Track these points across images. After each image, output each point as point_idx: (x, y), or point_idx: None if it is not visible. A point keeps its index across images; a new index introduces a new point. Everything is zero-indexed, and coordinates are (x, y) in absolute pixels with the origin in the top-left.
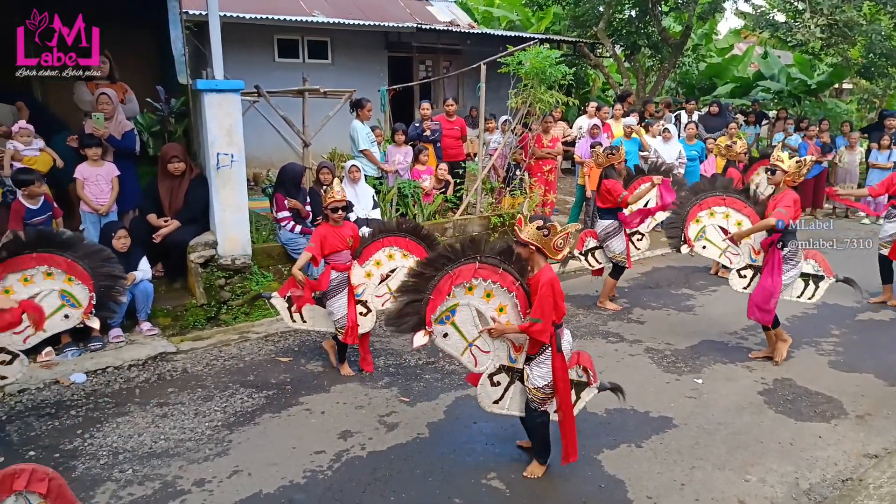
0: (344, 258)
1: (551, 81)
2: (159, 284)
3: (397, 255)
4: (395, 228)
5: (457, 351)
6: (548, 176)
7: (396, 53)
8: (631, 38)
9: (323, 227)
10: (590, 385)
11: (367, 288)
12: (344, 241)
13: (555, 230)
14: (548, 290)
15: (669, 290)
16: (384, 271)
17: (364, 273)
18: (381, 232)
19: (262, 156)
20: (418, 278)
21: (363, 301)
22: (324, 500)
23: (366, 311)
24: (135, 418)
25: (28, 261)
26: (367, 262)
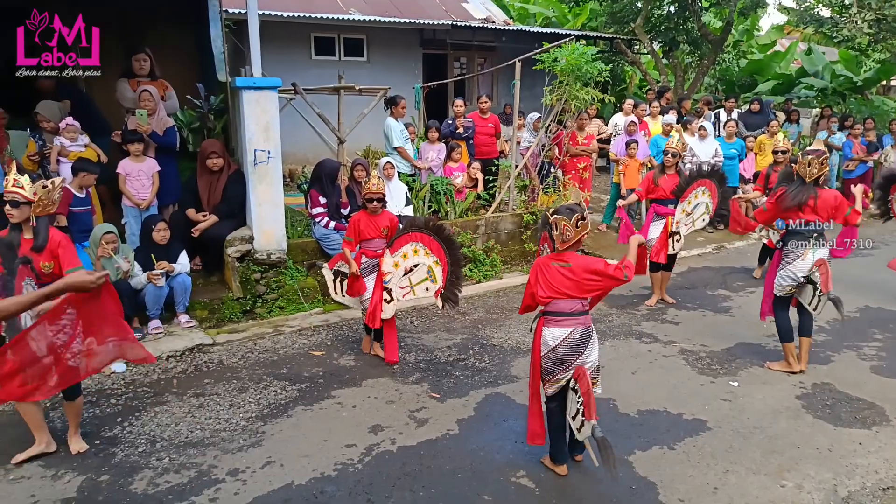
0: (375, 246)
1: (587, 78)
2: (197, 277)
3: (421, 251)
4: (422, 225)
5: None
6: (582, 174)
7: (431, 51)
8: (669, 35)
9: (359, 214)
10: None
11: (394, 277)
12: (378, 229)
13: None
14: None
15: (705, 291)
16: (408, 265)
17: (393, 263)
18: (411, 226)
19: (297, 152)
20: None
21: (389, 289)
22: (354, 493)
23: (389, 299)
24: (172, 408)
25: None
26: (396, 252)
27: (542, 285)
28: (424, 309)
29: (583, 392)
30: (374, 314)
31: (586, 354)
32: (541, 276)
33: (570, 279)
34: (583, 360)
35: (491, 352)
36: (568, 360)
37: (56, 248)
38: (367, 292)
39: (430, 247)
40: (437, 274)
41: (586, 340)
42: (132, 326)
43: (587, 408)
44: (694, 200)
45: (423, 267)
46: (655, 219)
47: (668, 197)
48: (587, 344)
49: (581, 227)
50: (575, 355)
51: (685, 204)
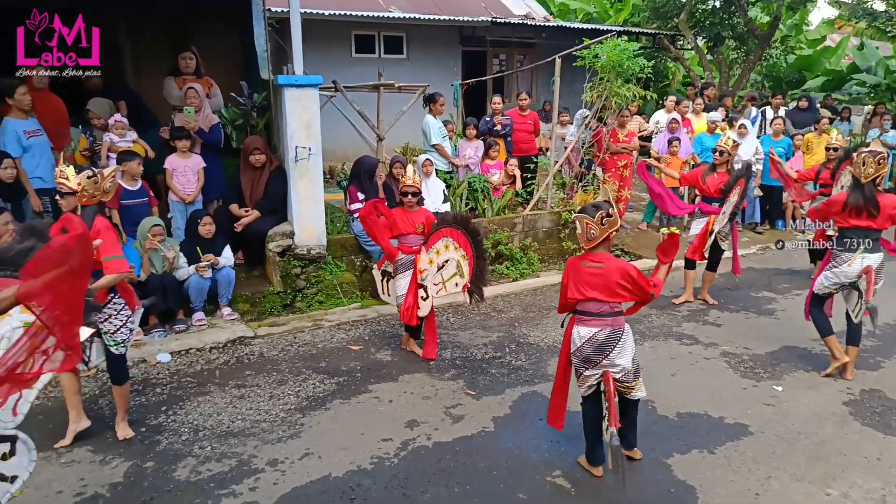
0: (411, 242)
1: (628, 75)
2: (239, 271)
3: (451, 246)
4: (451, 219)
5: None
6: (622, 172)
7: (470, 48)
8: (714, 30)
9: (395, 211)
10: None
11: (429, 275)
12: (413, 225)
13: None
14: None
15: (749, 293)
16: (440, 261)
17: (428, 260)
18: (442, 222)
19: (337, 149)
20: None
21: (424, 286)
22: (390, 487)
23: (425, 296)
24: (214, 398)
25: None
26: (430, 249)
27: (572, 286)
28: (461, 306)
29: (607, 398)
30: (410, 312)
31: (614, 357)
32: (571, 276)
33: (601, 281)
34: (610, 362)
35: (527, 350)
36: (593, 359)
37: (96, 236)
38: (402, 289)
39: (459, 241)
40: (464, 268)
41: (613, 342)
42: (176, 318)
43: (610, 414)
44: (732, 199)
45: (452, 262)
46: (699, 215)
47: (714, 195)
48: (614, 346)
49: (607, 224)
50: (600, 356)
51: (727, 204)
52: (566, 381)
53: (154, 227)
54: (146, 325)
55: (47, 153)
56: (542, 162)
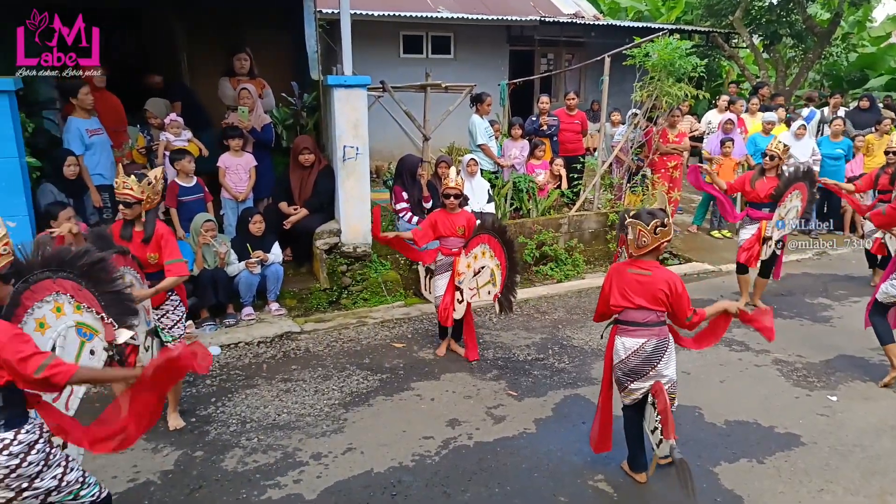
0: (452, 244)
1: (680, 74)
2: (287, 268)
3: (487, 253)
4: (490, 227)
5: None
6: (672, 173)
7: (518, 47)
8: (771, 27)
9: (437, 212)
10: (664, 438)
11: (466, 278)
12: (454, 228)
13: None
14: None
15: (804, 299)
16: (477, 266)
17: (466, 263)
18: (482, 227)
19: (384, 149)
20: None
21: (461, 289)
22: (431, 485)
23: (461, 299)
24: (261, 391)
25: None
26: (469, 252)
27: (615, 292)
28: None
29: (660, 410)
30: (446, 313)
31: (661, 367)
32: (615, 283)
33: (648, 289)
34: (658, 373)
35: (571, 353)
36: (640, 371)
37: (160, 240)
38: (441, 289)
39: (495, 250)
40: (497, 278)
41: (660, 353)
42: (227, 313)
43: (665, 427)
44: (788, 204)
45: (487, 269)
46: (748, 222)
47: (763, 201)
48: (661, 357)
49: (660, 234)
50: (648, 367)
51: (781, 208)
52: (611, 399)
53: (206, 223)
54: (198, 318)
55: (107, 151)
56: (589, 162)
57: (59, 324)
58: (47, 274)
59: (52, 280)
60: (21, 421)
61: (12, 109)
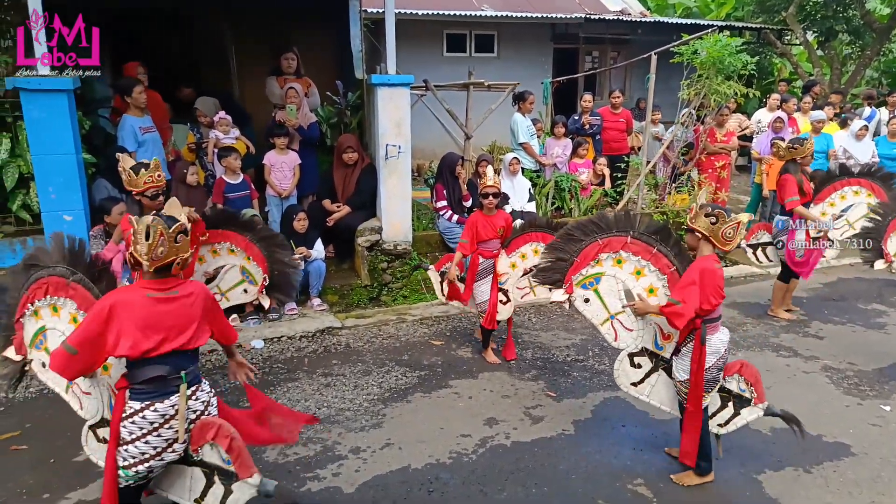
0: (492, 246)
1: (729, 71)
2: (330, 264)
3: (542, 251)
4: (544, 224)
5: (597, 320)
6: (720, 173)
7: (562, 45)
8: (826, 23)
9: (475, 215)
10: (754, 404)
11: (510, 278)
12: (494, 230)
13: (723, 218)
14: (695, 275)
15: (857, 305)
16: (528, 265)
17: (509, 263)
18: (530, 226)
19: (425, 147)
20: (567, 240)
21: (505, 290)
22: (468, 483)
23: (505, 300)
24: (302, 385)
25: (216, 235)
26: (513, 252)
27: (714, 292)
28: (543, 307)
29: (753, 382)
30: (491, 316)
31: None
32: (714, 282)
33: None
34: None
35: (611, 354)
36: (726, 362)
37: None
38: (485, 295)
39: None
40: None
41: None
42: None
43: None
44: (839, 202)
45: None
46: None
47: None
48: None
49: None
50: (728, 354)
51: (824, 205)
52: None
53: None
54: (243, 312)
55: (159, 148)
56: (633, 161)
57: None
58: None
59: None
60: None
61: (70, 108)
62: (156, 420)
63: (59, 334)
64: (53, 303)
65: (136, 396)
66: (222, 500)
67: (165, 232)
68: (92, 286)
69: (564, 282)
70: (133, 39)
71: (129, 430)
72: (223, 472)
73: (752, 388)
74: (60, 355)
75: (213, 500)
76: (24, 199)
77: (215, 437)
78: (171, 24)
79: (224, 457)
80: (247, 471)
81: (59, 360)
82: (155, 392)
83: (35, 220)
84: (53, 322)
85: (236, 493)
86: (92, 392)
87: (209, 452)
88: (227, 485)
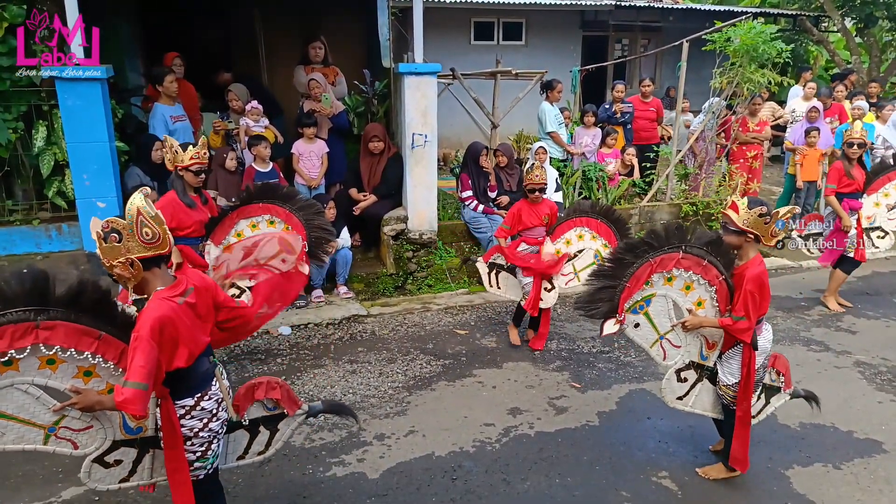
0: (537, 233)
1: (763, 59)
2: (356, 253)
3: (587, 235)
4: (587, 209)
5: (646, 343)
6: (752, 163)
7: (591, 33)
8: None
9: (520, 203)
10: (782, 390)
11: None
12: (539, 217)
13: (776, 214)
14: (755, 286)
15: (892, 299)
16: (572, 251)
17: (554, 250)
18: (575, 212)
19: (451, 136)
20: (616, 264)
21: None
22: (491, 472)
23: (550, 288)
24: (328, 371)
25: (256, 209)
26: (558, 239)
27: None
28: (568, 297)
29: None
30: (534, 302)
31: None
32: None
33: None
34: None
35: (637, 347)
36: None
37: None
38: (528, 279)
39: (598, 230)
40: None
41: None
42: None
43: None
44: (894, 192)
45: (588, 252)
46: (850, 214)
47: (861, 190)
48: None
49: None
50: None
51: (878, 196)
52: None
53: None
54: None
55: (189, 136)
56: (663, 151)
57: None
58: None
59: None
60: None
61: (104, 96)
62: (212, 406)
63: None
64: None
65: (185, 394)
66: (267, 444)
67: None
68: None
69: (618, 311)
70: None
71: (190, 425)
72: (268, 419)
73: (783, 377)
74: (138, 396)
75: (258, 447)
76: (59, 186)
77: (266, 394)
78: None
79: (268, 405)
80: (296, 405)
81: (139, 402)
82: (202, 383)
83: (70, 206)
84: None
85: (282, 430)
86: (94, 424)
87: (255, 410)
88: (272, 428)
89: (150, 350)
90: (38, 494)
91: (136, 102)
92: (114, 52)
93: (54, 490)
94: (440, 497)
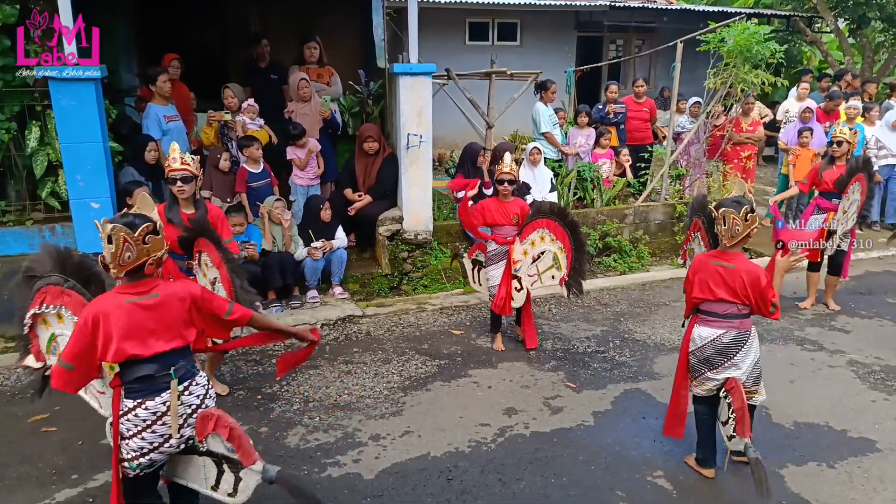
0: (506, 233)
1: (757, 60)
2: (351, 253)
3: (547, 238)
4: (547, 210)
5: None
6: (746, 163)
7: (586, 33)
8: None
9: (488, 200)
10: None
11: (523, 266)
12: (507, 216)
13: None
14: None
15: (885, 299)
16: (535, 252)
17: (522, 251)
18: (538, 212)
19: (446, 137)
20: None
21: (518, 277)
22: (486, 472)
23: (520, 287)
24: (324, 372)
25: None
26: (525, 239)
27: (697, 284)
28: (563, 297)
29: (736, 408)
30: (505, 302)
31: (739, 360)
32: (698, 275)
33: (728, 283)
34: (735, 365)
35: (632, 346)
36: (714, 361)
37: (216, 220)
38: (496, 279)
39: (556, 233)
40: (561, 261)
41: (738, 345)
42: (292, 295)
43: (739, 424)
44: (851, 197)
45: (549, 254)
46: (816, 212)
47: (832, 190)
48: (739, 349)
49: (750, 220)
50: (723, 359)
51: (844, 200)
52: (686, 387)
53: (276, 202)
54: (265, 299)
55: (183, 137)
56: (657, 151)
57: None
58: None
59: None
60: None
61: (98, 96)
62: (148, 418)
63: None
64: (57, 311)
65: (128, 395)
66: (234, 487)
67: (129, 237)
68: (84, 291)
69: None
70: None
71: (126, 426)
72: (229, 460)
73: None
74: (59, 373)
75: (227, 486)
76: (52, 187)
77: (215, 428)
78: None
79: (228, 446)
80: (249, 458)
81: (59, 378)
82: (145, 390)
83: (63, 207)
84: (61, 328)
85: (245, 480)
86: (106, 392)
87: (213, 442)
88: (235, 472)
89: (77, 335)
90: (32, 496)
91: (129, 103)
92: (109, 52)
93: (48, 492)
94: (436, 497)
